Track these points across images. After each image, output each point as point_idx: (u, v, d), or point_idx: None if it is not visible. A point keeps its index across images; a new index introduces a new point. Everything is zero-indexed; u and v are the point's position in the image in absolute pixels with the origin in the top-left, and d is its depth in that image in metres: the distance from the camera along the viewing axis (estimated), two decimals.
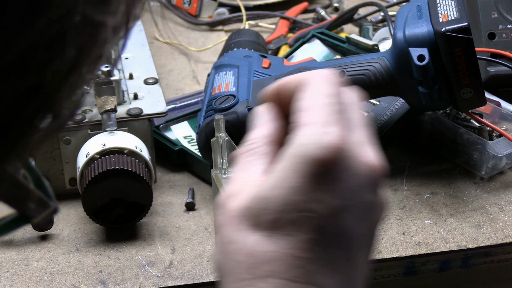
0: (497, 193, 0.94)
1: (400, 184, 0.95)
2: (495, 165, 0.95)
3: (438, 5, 0.89)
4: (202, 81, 1.16)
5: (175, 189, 0.95)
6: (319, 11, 1.34)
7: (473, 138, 0.96)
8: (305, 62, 0.96)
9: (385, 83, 0.90)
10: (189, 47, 1.27)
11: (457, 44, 0.85)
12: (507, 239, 0.87)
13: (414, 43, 0.86)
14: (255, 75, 0.95)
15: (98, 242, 0.87)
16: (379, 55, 0.91)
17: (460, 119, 1.00)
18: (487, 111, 1.02)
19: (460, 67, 0.86)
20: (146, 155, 0.88)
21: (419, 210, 0.91)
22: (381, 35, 1.21)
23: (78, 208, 0.90)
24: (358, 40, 1.05)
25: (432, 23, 0.87)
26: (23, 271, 0.83)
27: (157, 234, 0.88)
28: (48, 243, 0.87)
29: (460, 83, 0.87)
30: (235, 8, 1.36)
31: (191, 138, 1.03)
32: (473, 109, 0.95)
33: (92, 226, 0.89)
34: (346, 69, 0.91)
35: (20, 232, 0.88)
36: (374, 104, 1.00)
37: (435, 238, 0.86)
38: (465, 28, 0.85)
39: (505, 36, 1.07)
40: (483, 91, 0.89)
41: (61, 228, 0.89)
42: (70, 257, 0.85)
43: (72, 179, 0.93)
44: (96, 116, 0.91)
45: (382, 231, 0.87)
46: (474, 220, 0.89)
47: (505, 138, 0.94)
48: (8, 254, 0.85)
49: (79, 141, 0.90)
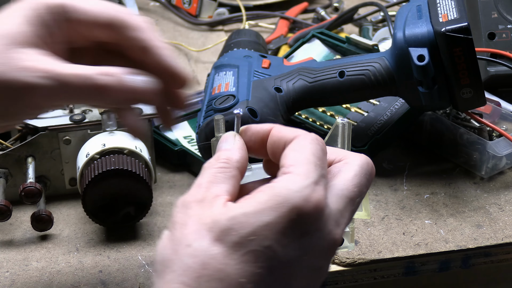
0: (497, 193, 0.94)
1: (400, 184, 0.95)
2: (495, 165, 0.95)
3: (438, 5, 0.89)
4: (202, 81, 1.16)
5: (175, 189, 0.95)
6: (319, 11, 1.34)
7: (473, 138, 0.96)
8: (305, 62, 0.96)
9: (385, 83, 0.90)
10: (189, 47, 1.27)
11: (457, 44, 0.85)
12: (507, 239, 0.87)
13: (414, 43, 0.86)
14: (255, 75, 0.95)
15: (98, 242, 0.87)
16: (379, 55, 0.91)
17: (460, 119, 1.00)
18: (487, 111, 1.02)
19: (460, 67, 0.86)
20: (146, 155, 0.88)
21: (419, 210, 0.91)
22: (381, 35, 1.21)
23: (78, 208, 0.90)
24: (358, 40, 1.05)
25: (432, 23, 0.87)
26: (23, 271, 0.83)
27: (157, 234, 0.88)
28: (48, 243, 0.87)
29: (460, 83, 0.87)
30: (235, 8, 1.36)
31: (191, 138, 1.03)
32: (473, 109, 0.95)
33: (92, 226, 0.89)
34: (346, 69, 0.91)
35: (20, 232, 0.88)
36: (374, 104, 1.00)
37: (435, 238, 0.86)
38: (465, 28, 0.85)
39: (505, 36, 1.07)
40: (483, 91, 0.89)
41: (61, 228, 0.89)
42: (70, 257, 0.85)
43: (72, 179, 0.93)
44: (96, 116, 0.91)
45: (382, 231, 0.87)
46: (474, 220, 0.89)
47: (505, 138, 0.94)
48: (8, 254, 0.85)
49: (79, 141, 0.90)
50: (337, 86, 0.91)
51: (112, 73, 0.65)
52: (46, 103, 0.66)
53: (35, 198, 0.85)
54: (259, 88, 0.91)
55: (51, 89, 0.64)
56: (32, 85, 0.64)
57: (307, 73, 0.93)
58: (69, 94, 0.65)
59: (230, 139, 0.63)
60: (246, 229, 0.54)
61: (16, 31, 0.66)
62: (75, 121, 0.90)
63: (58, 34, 0.68)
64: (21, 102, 0.65)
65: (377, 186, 0.95)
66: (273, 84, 0.92)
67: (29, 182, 0.85)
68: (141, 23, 0.69)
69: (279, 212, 0.54)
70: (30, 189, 0.85)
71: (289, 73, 0.94)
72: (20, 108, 0.66)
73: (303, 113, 1.00)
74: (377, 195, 0.93)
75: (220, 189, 0.58)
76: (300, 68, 0.94)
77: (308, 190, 0.55)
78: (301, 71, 0.93)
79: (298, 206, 0.54)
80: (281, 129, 0.61)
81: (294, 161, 0.57)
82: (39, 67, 0.64)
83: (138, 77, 0.66)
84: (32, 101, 0.65)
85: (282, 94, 0.91)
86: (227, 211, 0.55)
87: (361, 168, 0.60)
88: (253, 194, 0.56)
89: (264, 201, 0.54)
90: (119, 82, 0.65)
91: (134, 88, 0.66)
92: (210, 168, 0.60)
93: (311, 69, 0.93)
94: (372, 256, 0.84)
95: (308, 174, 0.56)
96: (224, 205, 0.56)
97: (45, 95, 0.64)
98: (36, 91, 0.64)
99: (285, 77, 0.93)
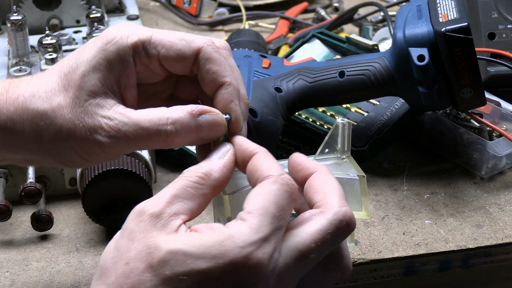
0: (497, 193, 0.94)
1: (400, 184, 0.95)
2: (495, 165, 0.95)
3: (438, 5, 0.89)
4: None
5: None
6: (319, 11, 1.34)
7: (473, 138, 0.96)
8: (305, 62, 0.96)
9: (385, 83, 0.90)
10: None
11: (457, 44, 0.85)
12: (507, 239, 0.86)
13: (414, 43, 0.86)
14: (255, 75, 0.95)
15: (98, 242, 0.87)
16: (379, 55, 0.91)
17: (460, 119, 1.00)
18: (487, 111, 1.02)
19: (460, 67, 0.86)
20: (146, 155, 0.88)
21: (419, 210, 0.91)
22: (381, 35, 1.21)
23: (78, 208, 0.90)
24: (358, 40, 1.05)
25: (432, 23, 0.87)
26: (23, 271, 0.83)
27: None
28: (48, 243, 0.87)
29: (460, 83, 0.87)
30: (235, 8, 1.36)
31: None
32: (473, 109, 0.95)
33: (92, 226, 0.89)
34: (346, 69, 0.91)
35: (20, 232, 0.88)
36: (374, 104, 1.00)
37: (435, 238, 0.86)
38: (465, 28, 0.85)
39: (505, 36, 1.07)
40: (483, 91, 0.89)
41: (61, 228, 0.89)
42: (70, 257, 0.85)
43: (72, 179, 0.93)
44: None
45: (382, 231, 0.87)
46: (474, 220, 0.89)
47: (505, 138, 0.94)
48: (8, 254, 0.85)
49: None
50: (337, 86, 0.91)
51: (177, 120, 0.64)
52: (110, 156, 0.67)
53: (35, 198, 0.85)
54: (259, 88, 0.91)
55: (118, 145, 0.65)
56: (101, 143, 0.65)
57: (307, 73, 0.93)
58: (135, 146, 0.66)
59: (222, 151, 0.63)
60: (180, 268, 0.54)
61: (89, 81, 0.66)
62: None
63: (131, 74, 0.67)
64: (91, 154, 0.66)
65: (377, 186, 0.95)
66: (273, 84, 0.92)
67: (29, 182, 0.85)
68: (217, 56, 0.67)
69: (216, 262, 0.54)
70: (30, 189, 0.84)
71: (289, 73, 0.94)
72: (87, 157, 0.67)
73: (303, 113, 1.00)
74: (377, 195, 0.93)
75: (181, 206, 0.58)
76: (300, 68, 0.94)
77: (251, 248, 0.55)
78: (301, 71, 0.93)
79: (236, 262, 0.54)
80: (260, 160, 0.61)
81: (253, 208, 0.57)
82: (110, 124, 0.64)
83: (206, 120, 0.65)
84: (99, 155, 0.66)
85: (282, 94, 0.91)
86: (171, 242, 0.55)
87: (330, 224, 0.58)
88: (204, 231, 0.56)
89: (208, 246, 0.55)
90: (187, 128, 0.64)
91: (200, 134, 0.65)
92: (184, 179, 0.60)
93: (311, 69, 0.93)
94: (372, 256, 0.84)
95: (259, 228, 0.56)
96: (175, 231, 0.56)
97: (112, 149, 0.65)
98: (104, 148, 0.65)
99: (285, 77, 0.93)
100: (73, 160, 0.67)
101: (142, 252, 0.55)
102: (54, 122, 0.65)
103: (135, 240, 0.56)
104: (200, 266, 0.54)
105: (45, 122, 0.65)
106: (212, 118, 0.64)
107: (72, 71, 0.66)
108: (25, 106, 0.66)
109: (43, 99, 0.66)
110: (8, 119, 0.66)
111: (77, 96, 0.65)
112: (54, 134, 0.65)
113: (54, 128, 0.65)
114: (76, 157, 0.66)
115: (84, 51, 0.66)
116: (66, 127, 0.65)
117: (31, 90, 0.66)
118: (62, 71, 0.67)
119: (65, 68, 0.66)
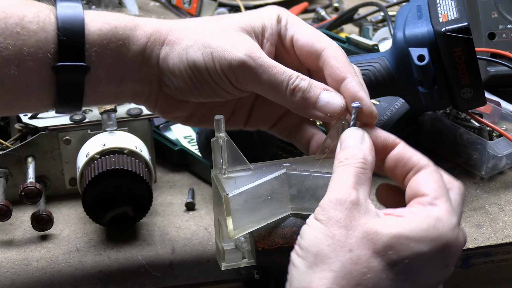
0: (497, 193, 0.94)
1: None
2: (495, 165, 0.95)
3: (438, 5, 0.89)
4: None
5: (175, 189, 0.95)
6: (319, 11, 1.34)
7: (473, 138, 0.96)
8: None
9: (385, 83, 0.90)
10: None
11: (457, 44, 0.85)
12: (507, 239, 0.86)
13: (414, 43, 0.86)
14: None
15: (98, 242, 0.87)
16: (379, 55, 0.91)
17: (460, 119, 1.00)
18: (487, 111, 1.02)
19: (460, 67, 0.86)
20: (146, 155, 0.88)
21: None
22: (381, 35, 1.21)
23: (78, 208, 0.90)
24: (358, 40, 1.05)
25: (432, 23, 0.87)
26: (23, 271, 0.83)
27: (157, 234, 0.88)
28: (48, 243, 0.87)
29: (460, 83, 0.87)
30: (235, 8, 1.36)
31: (191, 138, 1.03)
32: (473, 109, 0.95)
33: (92, 226, 0.89)
34: None
35: (20, 232, 0.88)
36: (374, 104, 1.00)
37: None
38: (465, 28, 0.85)
39: (505, 36, 1.07)
40: (483, 91, 0.89)
41: (61, 228, 0.89)
42: (70, 257, 0.85)
43: (72, 179, 0.93)
44: (96, 116, 0.91)
45: None
46: (474, 220, 0.89)
47: (505, 138, 0.94)
48: (8, 254, 0.85)
49: (79, 141, 0.90)
50: None
51: (307, 80, 0.69)
52: (243, 85, 0.70)
53: (35, 198, 0.85)
54: None
55: (254, 72, 0.68)
56: (243, 62, 0.68)
57: None
58: (263, 84, 0.69)
59: (358, 136, 0.66)
60: (405, 252, 0.58)
61: (237, 20, 0.72)
62: (75, 121, 0.90)
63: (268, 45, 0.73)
64: (231, 77, 0.69)
65: (378, 186, 0.94)
66: None
67: (29, 182, 0.85)
68: (339, 53, 0.71)
69: (435, 245, 0.59)
70: (30, 189, 0.84)
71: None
72: (223, 84, 0.70)
73: None
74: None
75: (365, 191, 0.61)
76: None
77: (457, 231, 0.61)
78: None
79: (450, 243, 0.60)
80: (410, 150, 0.65)
81: (438, 194, 0.62)
82: (252, 49, 0.68)
83: (332, 95, 0.69)
84: (236, 79, 0.69)
85: None
86: (390, 227, 0.58)
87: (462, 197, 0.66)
88: (405, 215, 0.60)
89: (425, 229, 0.59)
90: (310, 90, 0.69)
91: (321, 105, 0.69)
92: (352, 166, 0.62)
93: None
94: None
95: (452, 213, 0.61)
96: (377, 215, 0.59)
97: (247, 75, 0.68)
98: (243, 69, 0.68)
99: None
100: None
101: (363, 239, 0.58)
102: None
103: (349, 228, 0.58)
104: (422, 249, 0.58)
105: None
106: (338, 97, 0.69)
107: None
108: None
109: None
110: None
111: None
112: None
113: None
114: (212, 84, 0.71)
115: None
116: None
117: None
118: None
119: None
